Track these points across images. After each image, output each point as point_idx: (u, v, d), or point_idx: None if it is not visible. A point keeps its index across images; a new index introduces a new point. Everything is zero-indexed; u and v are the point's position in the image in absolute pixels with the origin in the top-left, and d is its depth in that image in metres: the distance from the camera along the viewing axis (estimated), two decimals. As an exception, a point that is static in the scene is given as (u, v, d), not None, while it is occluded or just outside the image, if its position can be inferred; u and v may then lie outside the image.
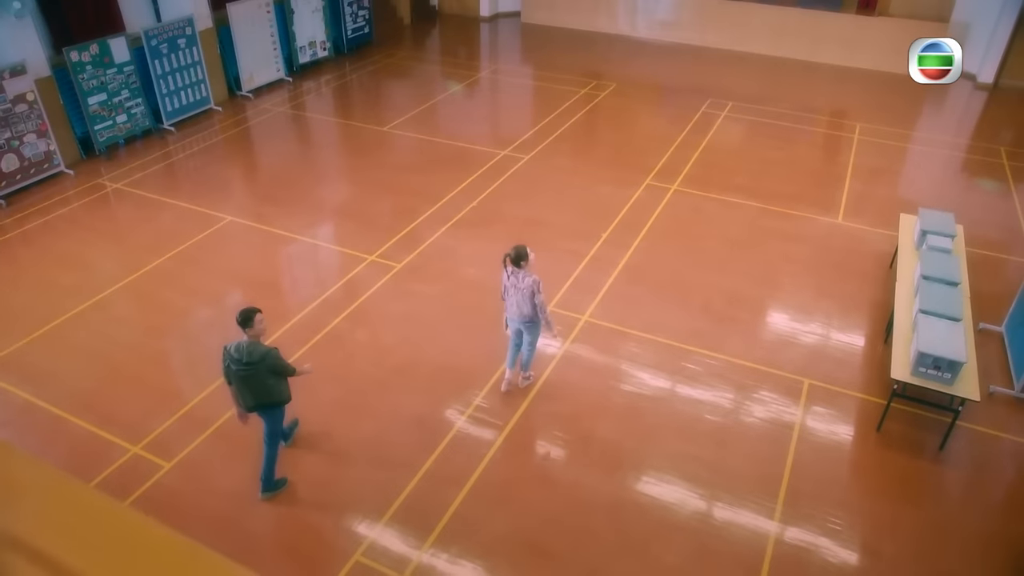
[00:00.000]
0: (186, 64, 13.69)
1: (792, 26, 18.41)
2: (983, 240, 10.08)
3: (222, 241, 10.05)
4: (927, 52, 8.39)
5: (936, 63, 8.36)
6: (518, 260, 6.67)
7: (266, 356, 5.67)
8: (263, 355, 5.66)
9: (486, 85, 16.83)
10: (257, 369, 5.68)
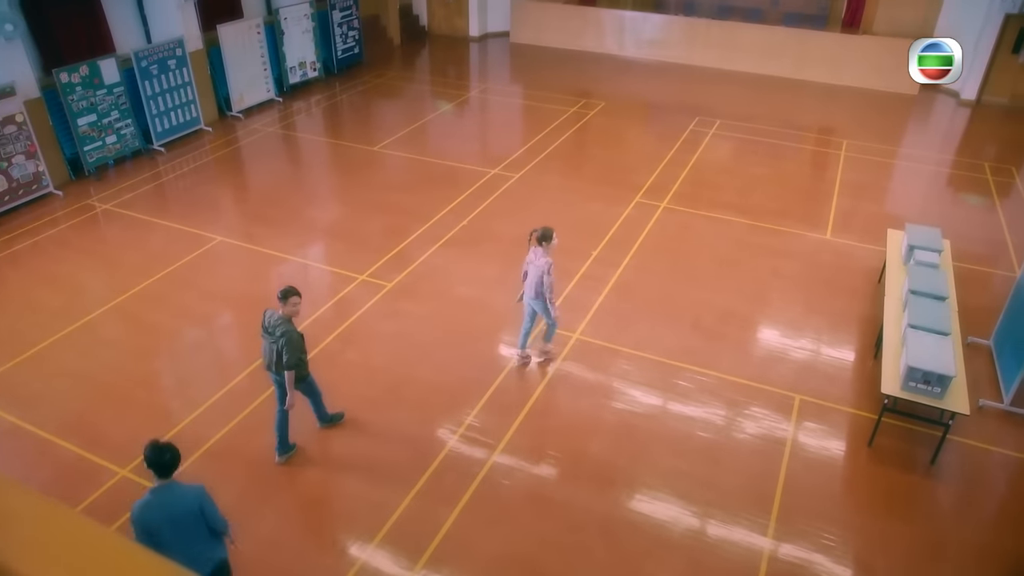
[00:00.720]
0: (176, 85, 13.72)
1: (778, 44, 18.64)
2: (969, 254, 10.17)
3: (212, 261, 10.03)
4: (927, 52, 8.33)
5: (936, 63, 8.32)
6: (542, 239, 7.24)
7: (284, 335, 6.14)
8: (282, 332, 6.15)
9: (476, 104, 16.93)
10: (275, 340, 6.20)
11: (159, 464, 4.51)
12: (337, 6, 17.73)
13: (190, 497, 4.60)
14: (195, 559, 4.58)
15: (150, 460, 4.51)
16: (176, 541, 4.52)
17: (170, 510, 4.54)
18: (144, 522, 4.49)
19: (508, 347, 8.36)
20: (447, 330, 8.63)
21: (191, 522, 4.59)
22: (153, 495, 4.55)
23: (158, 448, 4.51)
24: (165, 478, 4.56)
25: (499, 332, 8.62)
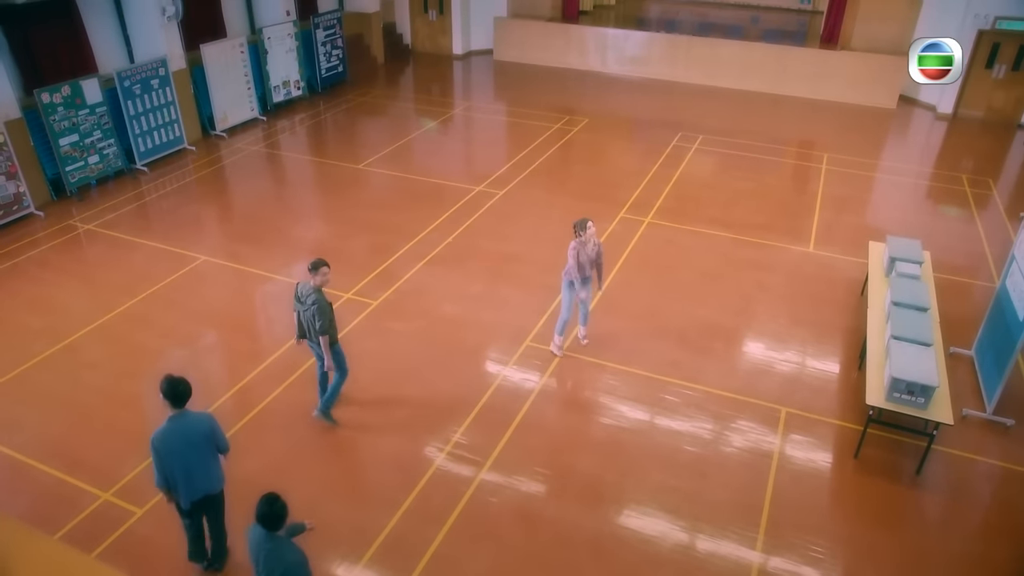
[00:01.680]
0: (159, 104, 13.69)
1: (758, 61, 18.89)
2: (950, 265, 10.29)
3: (196, 281, 9.96)
4: (927, 52, 8.26)
5: (936, 63, 8.26)
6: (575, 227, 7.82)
7: (315, 303, 6.69)
8: (313, 301, 6.71)
9: (460, 122, 16.99)
10: (306, 308, 6.75)
11: (174, 395, 5.14)
12: (321, 25, 17.79)
13: (202, 422, 5.32)
14: (207, 479, 5.38)
15: (166, 392, 5.13)
16: (192, 462, 5.27)
17: (185, 433, 5.21)
18: (165, 446, 5.17)
19: (495, 364, 8.35)
20: (433, 348, 8.60)
21: (203, 443, 5.30)
22: (170, 422, 5.20)
23: (172, 381, 5.15)
24: (179, 408, 5.20)
25: (485, 349, 8.60)
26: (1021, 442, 7.37)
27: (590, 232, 7.81)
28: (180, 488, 5.35)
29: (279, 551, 4.46)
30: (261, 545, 4.47)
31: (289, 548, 4.53)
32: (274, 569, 4.43)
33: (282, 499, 4.46)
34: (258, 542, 4.49)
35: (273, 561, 4.43)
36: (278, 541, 4.50)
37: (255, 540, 4.52)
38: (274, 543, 4.47)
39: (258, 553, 4.49)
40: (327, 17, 18.10)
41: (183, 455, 5.22)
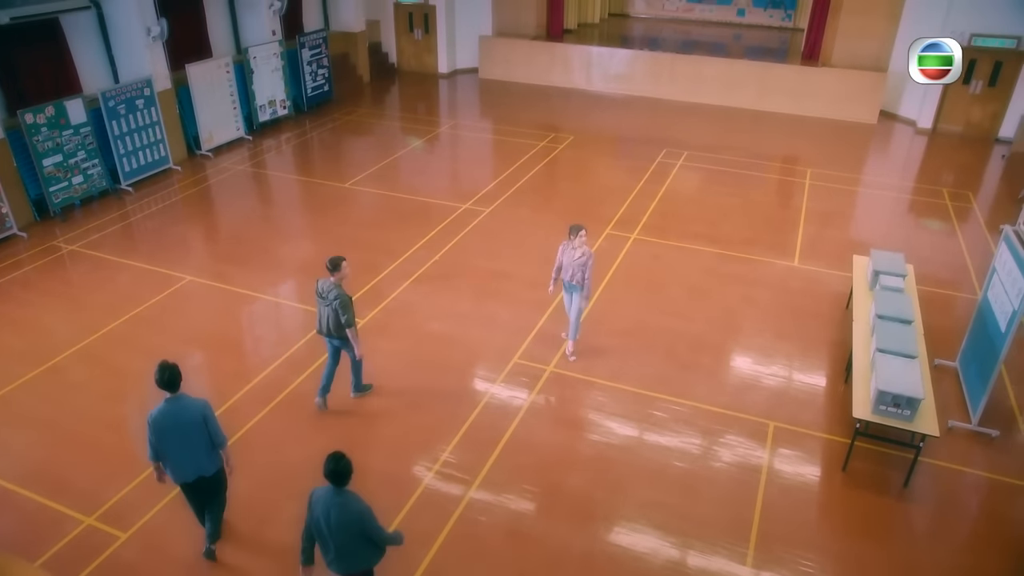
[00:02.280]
0: (144, 124, 13.66)
1: (741, 77, 19.11)
2: (933, 278, 10.39)
3: (181, 301, 9.90)
4: (927, 52, 8.26)
5: (936, 63, 8.26)
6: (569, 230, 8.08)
7: (337, 297, 7.12)
8: (335, 296, 7.12)
9: (446, 140, 17.05)
10: (329, 303, 7.17)
11: (164, 381, 5.42)
12: (307, 44, 17.85)
13: (195, 408, 5.55)
14: (196, 463, 5.63)
15: (158, 380, 5.42)
16: (181, 445, 5.55)
17: (177, 417, 5.49)
18: (157, 426, 5.50)
19: (483, 381, 8.33)
20: (421, 366, 8.58)
21: (194, 430, 5.54)
22: (166, 404, 5.51)
23: (163, 367, 5.41)
24: (174, 392, 5.49)
25: (473, 367, 8.59)
26: (1006, 453, 7.42)
27: (579, 239, 8.06)
28: (170, 467, 5.69)
29: (349, 503, 4.82)
30: (331, 500, 4.80)
31: (356, 499, 4.87)
32: (346, 519, 4.78)
33: (347, 457, 4.79)
34: (327, 499, 4.82)
35: (345, 513, 4.79)
36: (346, 495, 4.83)
37: (323, 499, 4.83)
38: (343, 497, 4.82)
39: (328, 509, 4.80)
40: (313, 36, 18.17)
41: (174, 437, 5.52)
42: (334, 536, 4.83)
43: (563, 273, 8.32)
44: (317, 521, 4.85)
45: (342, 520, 4.79)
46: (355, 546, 4.90)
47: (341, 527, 4.80)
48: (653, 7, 26.83)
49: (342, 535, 4.83)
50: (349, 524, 4.80)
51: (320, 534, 4.89)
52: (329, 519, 4.80)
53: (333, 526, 4.81)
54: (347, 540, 4.86)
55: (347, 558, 4.94)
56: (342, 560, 4.93)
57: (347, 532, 4.82)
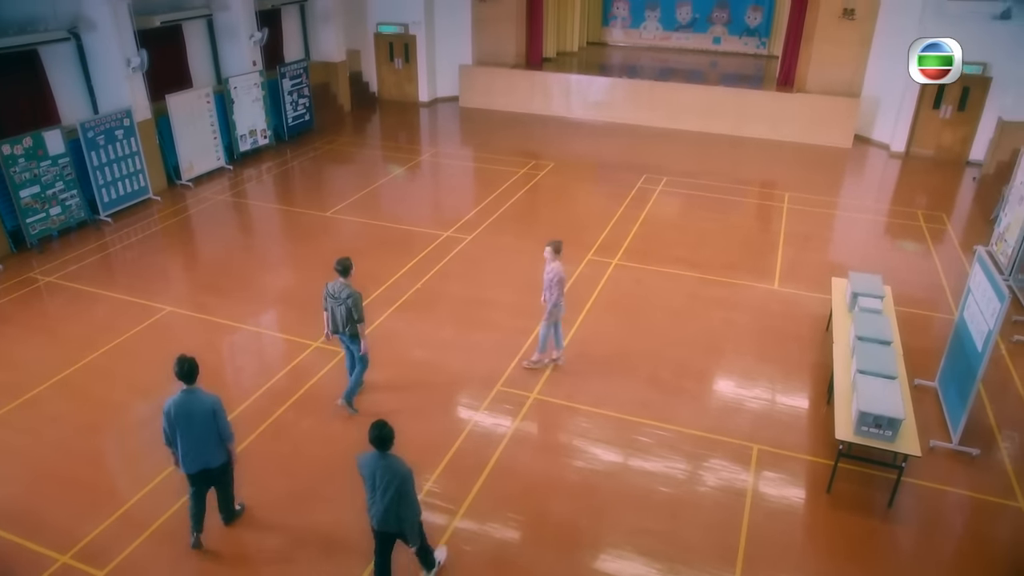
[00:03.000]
0: (124, 155, 13.61)
1: (718, 104, 19.41)
2: (910, 299, 10.52)
3: (161, 332, 9.80)
4: (927, 52, 8.25)
5: (936, 63, 8.23)
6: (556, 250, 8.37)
7: (350, 296, 7.59)
8: (348, 295, 7.61)
9: (427, 168, 17.12)
10: (341, 303, 7.62)
11: (182, 372, 5.88)
12: (287, 75, 17.93)
13: (207, 402, 5.97)
14: (202, 454, 6.03)
15: (177, 372, 5.89)
16: (189, 435, 5.96)
17: (189, 408, 5.92)
18: (170, 415, 5.94)
19: (466, 409, 8.30)
20: (404, 394, 8.53)
21: (203, 422, 5.95)
22: (181, 395, 5.95)
23: (181, 360, 5.89)
24: (190, 384, 5.94)
25: (456, 394, 8.55)
26: (987, 471, 7.48)
27: (545, 255, 8.44)
28: (180, 455, 6.08)
29: (393, 465, 5.36)
30: (376, 463, 5.38)
31: (400, 462, 5.39)
32: (391, 480, 5.35)
33: (388, 424, 5.33)
34: (373, 463, 5.40)
35: (390, 474, 5.35)
36: (390, 458, 5.38)
37: (369, 463, 5.42)
38: (387, 460, 5.37)
39: (374, 471, 5.39)
40: (294, 67, 18.27)
41: (184, 427, 5.94)
42: (381, 495, 5.40)
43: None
44: (364, 480, 5.47)
45: (388, 480, 5.35)
46: (396, 506, 5.42)
47: (387, 486, 5.36)
48: (630, 35, 27.26)
49: (388, 494, 5.37)
50: (392, 483, 5.36)
51: (368, 492, 5.48)
52: (375, 480, 5.40)
53: (379, 484, 5.39)
54: (391, 499, 5.39)
55: (389, 516, 5.46)
56: (385, 517, 5.47)
57: (392, 491, 5.36)
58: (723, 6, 25.72)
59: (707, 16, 26.05)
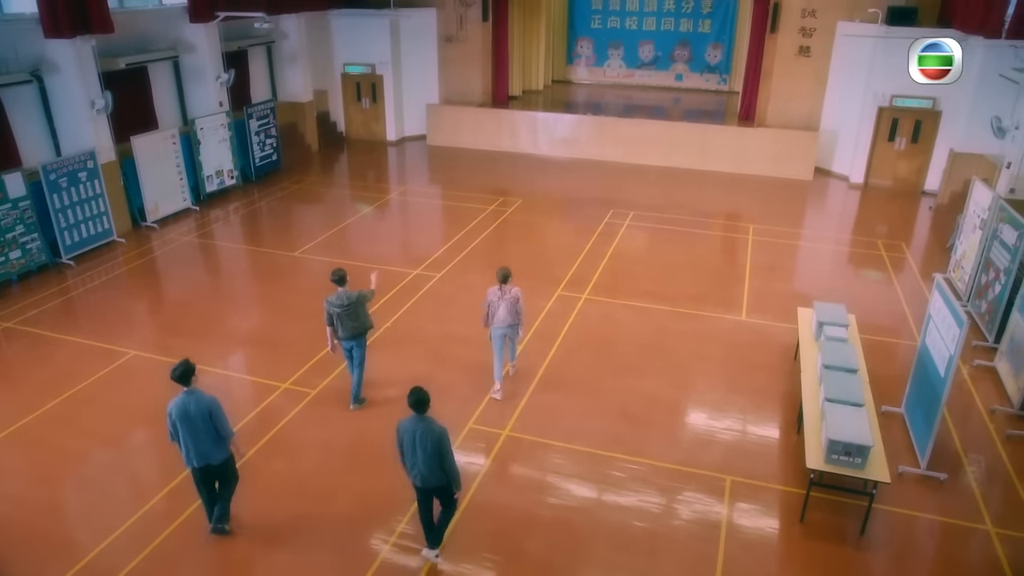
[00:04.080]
0: (87, 197, 13.44)
1: (682, 139, 19.80)
2: (874, 326, 10.71)
3: (125, 377, 9.59)
4: (927, 52, 8.25)
5: (936, 63, 8.24)
6: (506, 279, 8.75)
7: (359, 296, 8.48)
8: (357, 296, 8.44)
9: (396, 206, 17.15)
10: (355, 306, 8.37)
11: (176, 375, 6.33)
12: (254, 115, 17.94)
13: (203, 402, 6.38)
14: (202, 451, 6.46)
15: (172, 374, 6.33)
16: (190, 433, 6.39)
17: (186, 408, 6.34)
18: (171, 415, 6.40)
19: (439, 447, 8.20)
20: (374, 434, 8.42)
21: (201, 421, 6.36)
22: (181, 396, 6.39)
23: (178, 365, 6.35)
24: (186, 386, 6.37)
25: (429, 432, 8.46)
26: (956, 495, 7.57)
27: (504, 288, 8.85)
28: (184, 451, 6.51)
29: (431, 426, 6.05)
30: (416, 426, 6.05)
31: (436, 422, 6.09)
32: (428, 439, 6.00)
33: (425, 390, 6.03)
34: (412, 426, 6.07)
35: (427, 433, 6.01)
36: (428, 420, 6.08)
37: (409, 425, 6.10)
38: (425, 422, 6.07)
39: (413, 433, 6.05)
40: (261, 107, 18.29)
41: (184, 426, 6.37)
42: (419, 454, 6.04)
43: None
44: (403, 443, 6.13)
45: (425, 439, 6.01)
46: (434, 463, 6.06)
47: (424, 445, 6.01)
48: (595, 74, 27.79)
49: (425, 452, 6.01)
50: (429, 442, 6.00)
51: (408, 454, 6.13)
52: (415, 440, 6.04)
53: (418, 445, 6.04)
54: (429, 457, 6.04)
55: (428, 473, 6.12)
56: (428, 474, 6.13)
57: (429, 449, 6.00)
58: (684, 44, 26.39)
59: (669, 54, 26.69)
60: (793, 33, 18.86)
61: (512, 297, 8.74)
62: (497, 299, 8.77)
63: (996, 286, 10.48)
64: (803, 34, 18.76)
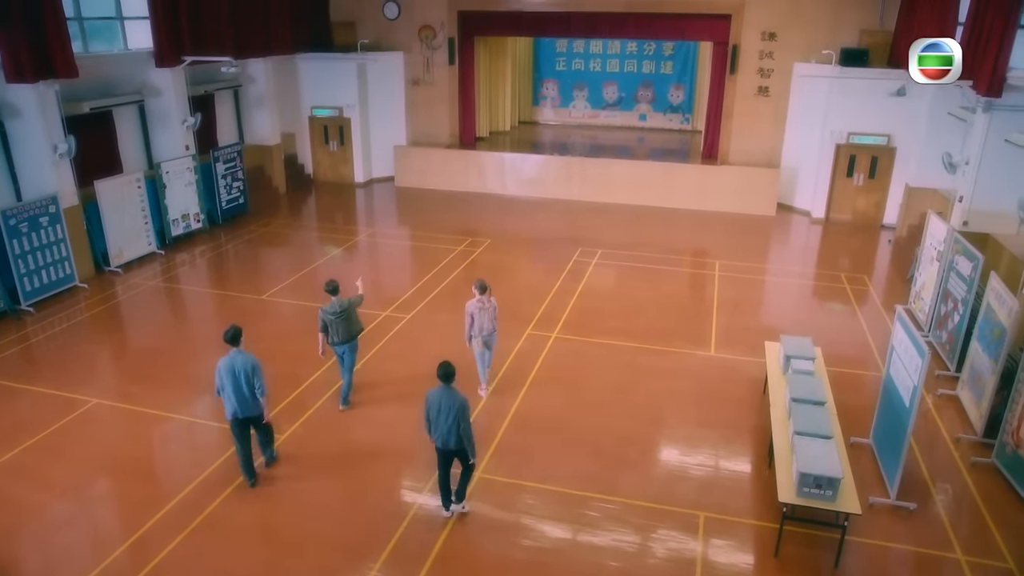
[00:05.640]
0: (48, 242, 13.21)
1: (647, 177, 20.14)
2: (840, 358, 10.87)
3: (86, 426, 9.34)
4: (928, 52, 8.29)
5: (936, 63, 8.28)
6: (484, 289, 9.39)
7: (350, 304, 9.31)
8: (349, 302, 9.32)
9: (364, 248, 17.12)
10: (348, 312, 9.23)
11: (228, 337, 7.77)
12: (221, 158, 17.89)
13: (246, 362, 7.67)
14: (241, 404, 7.72)
15: (224, 336, 7.80)
16: (232, 386, 7.66)
17: (232, 366, 7.65)
18: (220, 370, 7.69)
19: (410, 492, 8.10)
20: (345, 479, 8.28)
21: (242, 377, 7.63)
22: (229, 355, 7.73)
23: (227, 331, 7.81)
24: (236, 346, 7.76)
25: (400, 478, 8.36)
26: (926, 525, 7.65)
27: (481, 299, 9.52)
28: (226, 403, 7.78)
29: (454, 395, 7.07)
30: (442, 394, 7.08)
31: (459, 393, 7.12)
32: (452, 406, 7.00)
33: (452, 364, 7.14)
34: (439, 394, 7.11)
35: (452, 402, 7.01)
36: (453, 390, 7.11)
37: (436, 394, 7.13)
38: (451, 392, 7.09)
39: (440, 400, 7.06)
40: (227, 150, 18.24)
41: (228, 380, 7.64)
42: (444, 419, 7.04)
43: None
44: (430, 410, 7.13)
45: (448, 406, 7.01)
46: (454, 428, 7.04)
47: (446, 411, 7.01)
48: (560, 115, 28.24)
49: (446, 418, 7.02)
50: (452, 409, 6.99)
51: (434, 420, 7.13)
52: (440, 407, 7.05)
53: (442, 411, 7.04)
54: (449, 422, 7.01)
55: (448, 436, 7.10)
56: (447, 438, 7.12)
57: (450, 415, 7.00)
58: (647, 85, 26.98)
59: (632, 95, 27.25)
60: (752, 74, 19.42)
61: (492, 307, 9.55)
62: (478, 311, 9.42)
63: (955, 316, 10.74)
64: (761, 75, 19.34)
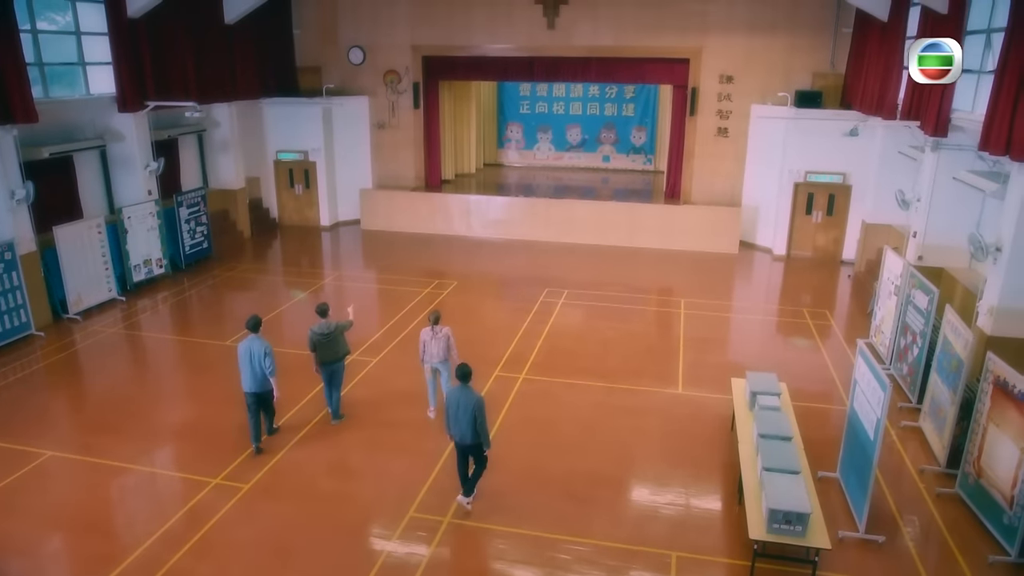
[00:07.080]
0: (4, 289, 12.88)
1: (612, 217, 20.41)
2: (805, 393, 10.99)
3: (40, 480, 9.02)
4: (927, 52, 8.26)
5: (936, 63, 8.25)
6: (436, 320, 9.98)
7: (337, 327, 9.93)
8: (335, 326, 9.92)
9: (331, 291, 16.99)
10: (335, 334, 9.86)
11: (249, 325, 9.28)
12: (184, 203, 17.72)
13: (259, 345, 9.07)
14: (254, 381, 9.12)
15: (246, 323, 9.32)
16: (248, 366, 9.05)
17: (250, 347, 9.06)
18: (240, 350, 9.11)
19: (378, 539, 7.94)
20: (311, 529, 8.09)
21: (256, 358, 9.02)
22: (249, 338, 9.17)
23: (249, 319, 9.33)
24: (255, 332, 9.17)
25: (368, 524, 8.20)
26: (895, 557, 7.69)
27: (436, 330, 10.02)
28: (243, 379, 9.22)
29: (471, 394, 7.82)
30: (460, 392, 7.85)
31: (475, 392, 7.89)
32: (469, 404, 7.73)
33: (469, 365, 7.96)
34: (457, 391, 7.89)
35: (466, 399, 7.76)
36: (468, 389, 7.87)
37: (454, 391, 7.93)
38: (467, 390, 7.85)
39: (458, 398, 7.82)
40: (191, 195, 18.10)
41: (244, 361, 9.11)
42: (463, 415, 7.76)
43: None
44: (449, 408, 7.89)
45: (464, 403, 7.74)
46: (469, 424, 7.76)
47: (462, 408, 7.75)
48: (525, 156, 28.60)
49: (463, 414, 7.75)
50: (469, 406, 7.72)
51: (452, 417, 7.87)
52: (458, 404, 7.78)
53: (460, 409, 7.77)
54: (466, 419, 7.75)
55: (465, 432, 7.85)
56: (464, 433, 7.87)
57: (466, 412, 7.73)
58: (610, 127, 27.50)
59: (595, 136, 27.74)
60: (711, 115, 19.94)
61: (443, 336, 9.90)
62: (430, 338, 9.93)
63: (914, 348, 10.96)
64: (720, 116, 19.86)
